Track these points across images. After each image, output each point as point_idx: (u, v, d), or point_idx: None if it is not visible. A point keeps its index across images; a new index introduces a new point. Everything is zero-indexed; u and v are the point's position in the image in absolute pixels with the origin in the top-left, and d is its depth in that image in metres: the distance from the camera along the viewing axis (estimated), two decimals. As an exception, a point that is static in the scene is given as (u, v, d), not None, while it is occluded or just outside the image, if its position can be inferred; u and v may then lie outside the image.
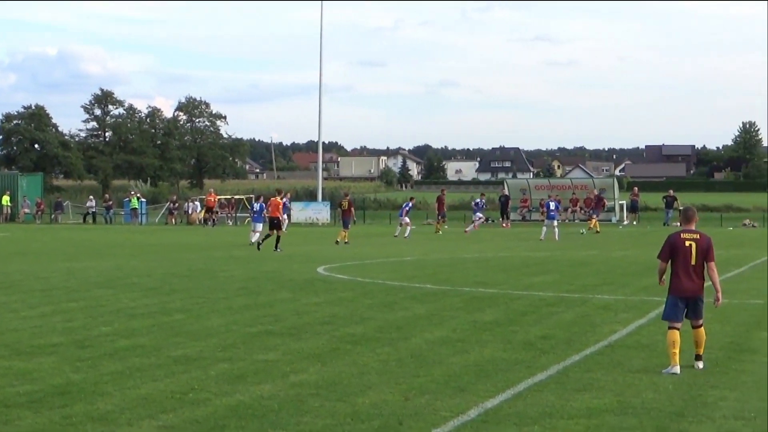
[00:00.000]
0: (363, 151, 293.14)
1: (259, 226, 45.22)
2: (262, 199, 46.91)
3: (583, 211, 68.86)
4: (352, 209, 46.12)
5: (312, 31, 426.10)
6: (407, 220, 50.55)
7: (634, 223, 67.85)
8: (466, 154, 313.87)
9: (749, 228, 65.07)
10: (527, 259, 35.61)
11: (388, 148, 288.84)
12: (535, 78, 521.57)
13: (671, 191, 67.42)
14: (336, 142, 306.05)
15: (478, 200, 59.65)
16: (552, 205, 49.42)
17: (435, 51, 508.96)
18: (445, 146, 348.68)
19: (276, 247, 38.73)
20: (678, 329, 12.67)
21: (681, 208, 64.99)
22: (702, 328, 12.87)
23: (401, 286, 25.00)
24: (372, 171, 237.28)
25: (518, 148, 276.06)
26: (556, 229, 48.13)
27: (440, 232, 55.20)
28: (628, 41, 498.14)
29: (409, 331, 16.78)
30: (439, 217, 57.38)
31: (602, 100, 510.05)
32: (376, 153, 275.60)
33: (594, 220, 56.90)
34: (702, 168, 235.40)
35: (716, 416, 10.07)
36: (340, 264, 32.66)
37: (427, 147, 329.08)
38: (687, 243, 13.04)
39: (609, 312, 19.30)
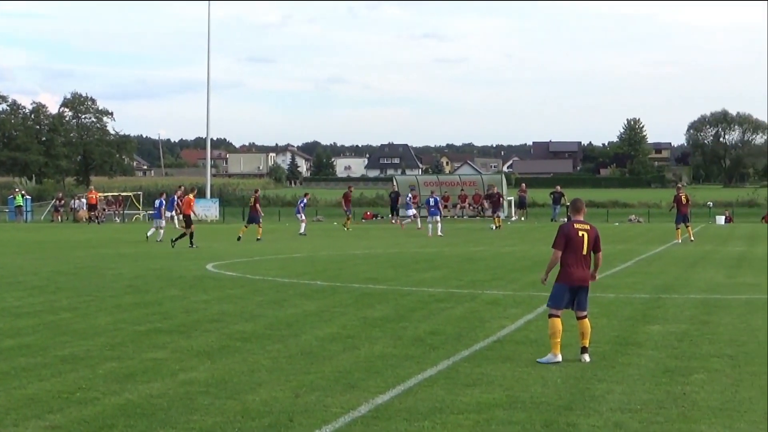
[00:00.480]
0: (252, 148, 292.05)
1: (162, 222, 44.74)
2: (164, 195, 46.47)
3: (471, 207, 70.74)
4: (258, 206, 45.89)
5: (200, 27, 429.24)
6: (303, 216, 50.59)
7: (522, 219, 68.85)
8: (355, 151, 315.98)
9: (635, 223, 66.53)
10: (416, 255, 35.79)
11: (277, 144, 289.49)
12: (424, 75, 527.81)
13: (558, 187, 68.34)
14: (224, 139, 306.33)
15: (409, 195, 59.68)
16: (431, 201, 49.88)
17: (323, 47, 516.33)
18: (334, 143, 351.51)
19: (191, 243, 38.25)
20: (560, 317, 12.95)
21: (568, 204, 66.71)
22: (587, 319, 13.14)
23: (291, 282, 24.99)
24: (261, 168, 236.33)
25: (407, 145, 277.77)
26: (439, 225, 48.51)
27: (349, 229, 54.95)
28: (516, 38, 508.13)
29: (299, 328, 16.79)
30: (348, 214, 57.25)
31: (490, 97, 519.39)
32: (265, 150, 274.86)
33: (497, 217, 57.89)
34: (588, 164, 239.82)
35: (603, 409, 10.25)
36: (230, 261, 32.50)
37: (316, 144, 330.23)
38: (580, 233, 13.30)
39: (498, 307, 19.49)
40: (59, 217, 71.60)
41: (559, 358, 12.84)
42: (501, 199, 61.55)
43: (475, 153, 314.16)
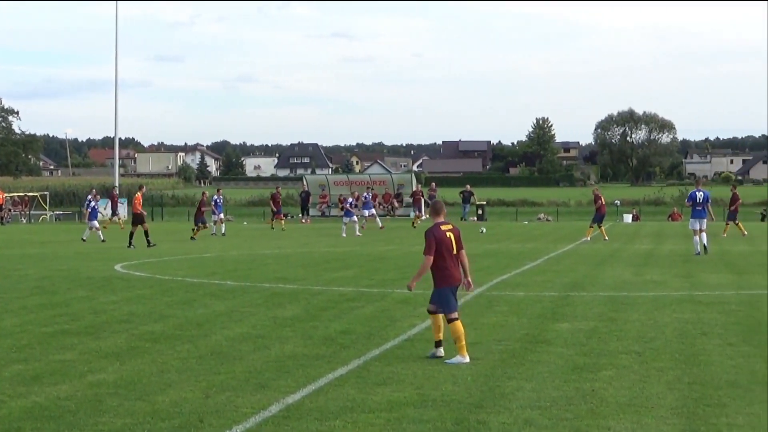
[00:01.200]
0: (160, 147, 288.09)
1: (96, 223, 44.15)
2: (94, 192, 45.88)
3: (382, 206, 70.47)
4: (204, 208, 46.38)
5: (107, 25, 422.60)
6: (219, 216, 50.28)
7: None
8: (265, 150, 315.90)
9: (544, 222, 67.52)
10: (327, 254, 35.94)
11: (186, 144, 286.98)
12: (333, 74, 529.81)
13: (468, 186, 69.15)
14: (133, 138, 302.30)
15: (367, 195, 58.92)
16: (350, 201, 50.47)
17: (233, 46, 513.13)
18: (244, 142, 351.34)
19: (148, 243, 38.27)
20: (459, 319, 13.05)
21: (478, 203, 68.08)
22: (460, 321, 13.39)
23: (201, 282, 24.92)
24: (170, 167, 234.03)
25: (317, 144, 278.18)
26: (356, 225, 48.98)
27: (283, 229, 54.81)
28: (424, 38, 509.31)
29: (209, 328, 16.75)
30: (277, 213, 57.06)
31: (400, 96, 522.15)
32: (174, 149, 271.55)
33: (418, 216, 58.60)
34: (498, 163, 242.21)
35: (513, 406, 10.36)
36: (139, 261, 32.28)
37: (225, 143, 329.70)
38: (447, 234, 13.48)
39: (408, 306, 19.57)
40: (-37, 218, 71.55)
41: (467, 359, 12.88)
42: (422, 197, 62.03)
43: (385, 152, 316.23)
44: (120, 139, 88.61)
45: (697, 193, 34.15)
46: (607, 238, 41.79)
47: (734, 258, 32.82)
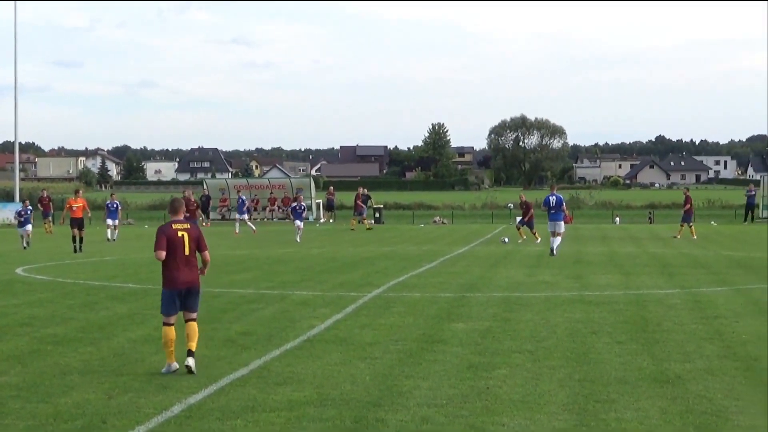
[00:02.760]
0: (61, 152, 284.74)
1: (29, 228, 42.58)
2: (27, 203, 44.79)
3: (281, 210, 70.69)
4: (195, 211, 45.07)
5: (6, 29, 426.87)
6: (115, 222, 48.94)
7: (331, 221, 69.53)
8: (166, 155, 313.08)
9: (439, 225, 68.01)
10: (227, 257, 35.69)
11: (86, 148, 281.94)
12: (233, 79, 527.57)
13: (365, 190, 69.53)
14: (33, 143, 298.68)
15: (242, 197, 56.77)
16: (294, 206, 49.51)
17: (133, 51, 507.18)
18: (145, 147, 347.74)
19: (78, 248, 37.85)
20: (172, 325, 12.60)
21: (375, 206, 68.55)
22: (196, 322, 12.95)
23: (102, 285, 24.75)
24: (70, 171, 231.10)
25: (217, 149, 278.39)
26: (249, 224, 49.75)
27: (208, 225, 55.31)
28: (322, 44, 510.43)
29: (111, 331, 16.67)
30: (204, 216, 56.20)
31: (298, 102, 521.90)
32: (75, 153, 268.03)
33: (357, 219, 59.11)
34: (394, 168, 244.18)
35: (410, 404, 10.51)
36: (40, 265, 31.92)
37: (126, 147, 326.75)
38: (179, 233, 12.98)
39: (307, 307, 19.72)
40: None
41: (175, 366, 12.46)
42: (359, 201, 61.21)
43: (284, 157, 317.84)
44: (20, 143, 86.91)
45: (550, 197, 34.89)
46: (695, 236, 44.20)
47: (622, 259, 33.37)
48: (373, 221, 65.80)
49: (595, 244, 42.91)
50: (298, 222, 46.49)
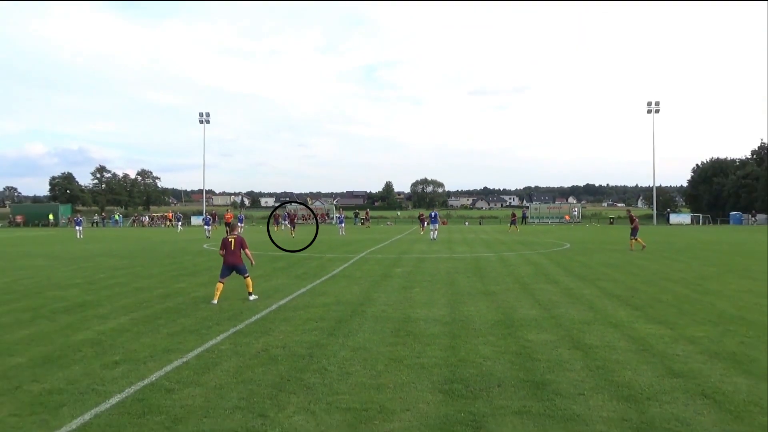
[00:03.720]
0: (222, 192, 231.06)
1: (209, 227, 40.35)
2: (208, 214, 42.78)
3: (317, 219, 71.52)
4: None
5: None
6: None
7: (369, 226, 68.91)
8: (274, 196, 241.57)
9: (390, 225, 69.75)
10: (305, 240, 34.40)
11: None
12: (293, 157, 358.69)
13: (364, 211, 70.62)
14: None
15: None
16: None
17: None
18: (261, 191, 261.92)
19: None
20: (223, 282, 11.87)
21: None
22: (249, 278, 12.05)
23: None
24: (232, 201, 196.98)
25: (292, 192, 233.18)
26: None
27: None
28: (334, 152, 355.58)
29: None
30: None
31: (326, 173, 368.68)
32: (228, 194, 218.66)
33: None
34: (369, 201, 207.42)
35: (377, 304, 11.10)
36: (211, 245, 30.52)
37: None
38: (229, 239, 12.15)
39: (334, 261, 19.73)
40: None
41: (215, 302, 11.60)
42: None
43: (319, 195, 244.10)
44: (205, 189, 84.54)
45: (432, 213, 35.09)
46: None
47: (469, 240, 33.56)
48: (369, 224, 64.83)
49: (457, 235, 44.80)
50: (341, 224, 46.04)
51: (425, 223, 45.09)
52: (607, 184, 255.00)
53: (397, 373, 6.76)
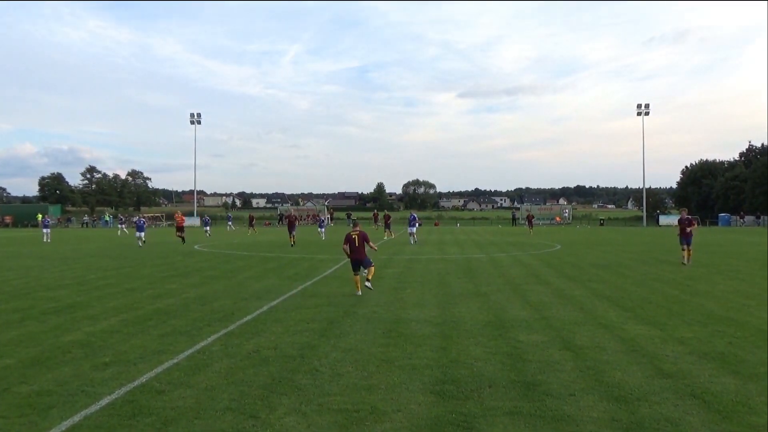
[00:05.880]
0: (214, 194, 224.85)
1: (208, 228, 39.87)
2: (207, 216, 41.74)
3: (312, 220, 71.24)
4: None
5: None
6: None
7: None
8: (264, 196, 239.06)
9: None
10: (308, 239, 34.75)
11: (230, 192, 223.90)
12: (284, 158, 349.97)
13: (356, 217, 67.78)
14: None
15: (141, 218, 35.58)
16: None
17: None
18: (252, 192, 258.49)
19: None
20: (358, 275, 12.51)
21: None
22: (372, 267, 12.68)
23: (234, 254, 24.50)
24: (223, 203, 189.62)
25: (284, 193, 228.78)
26: None
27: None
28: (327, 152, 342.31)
29: (235, 273, 16.75)
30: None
31: (318, 172, 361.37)
32: (225, 195, 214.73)
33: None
34: (360, 203, 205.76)
35: (368, 305, 10.95)
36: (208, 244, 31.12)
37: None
38: (353, 235, 12.59)
39: (325, 262, 19.74)
40: None
41: (360, 293, 12.37)
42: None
43: (310, 196, 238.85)
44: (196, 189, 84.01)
45: (411, 216, 32.61)
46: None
47: (460, 242, 33.53)
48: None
49: (448, 236, 45.11)
50: (321, 229, 41.20)
51: (389, 225, 39.94)
52: (598, 186, 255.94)
53: (388, 374, 6.74)
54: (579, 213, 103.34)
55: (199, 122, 79.24)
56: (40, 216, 39.22)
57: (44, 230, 38.06)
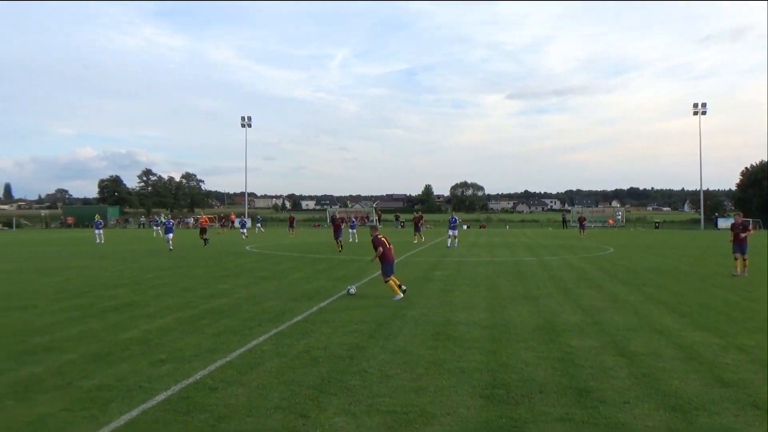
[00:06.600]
0: (265, 196, 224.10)
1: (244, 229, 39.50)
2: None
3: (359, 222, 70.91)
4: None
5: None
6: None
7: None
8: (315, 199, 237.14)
9: (429, 228, 68.20)
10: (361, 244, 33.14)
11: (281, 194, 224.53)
12: (335, 160, 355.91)
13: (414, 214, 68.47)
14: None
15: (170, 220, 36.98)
16: None
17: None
18: (301, 193, 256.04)
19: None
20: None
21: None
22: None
23: (285, 255, 24.63)
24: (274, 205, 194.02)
25: (332, 195, 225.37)
26: None
27: None
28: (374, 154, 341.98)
29: (287, 273, 16.97)
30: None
31: (367, 175, 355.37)
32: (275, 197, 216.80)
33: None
34: (409, 205, 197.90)
35: (418, 307, 10.95)
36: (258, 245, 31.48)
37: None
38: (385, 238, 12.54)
39: (374, 264, 19.85)
40: None
41: (401, 296, 12.22)
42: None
43: (359, 198, 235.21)
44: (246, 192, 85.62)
45: (451, 218, 30.88)
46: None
47: (510, 244, 33.34)
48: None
49: (497, 238, 44.46)
50: (352, 230, 38.56)
51: (420, 228, 35.99)
52: (652, 188, 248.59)
53: (437, 376, 6.71)
54: (633, 215, 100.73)
55: (249, 126, 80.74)
56: (97, 216, 41.36)
57: (96, 231, 38.44)
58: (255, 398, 6.06)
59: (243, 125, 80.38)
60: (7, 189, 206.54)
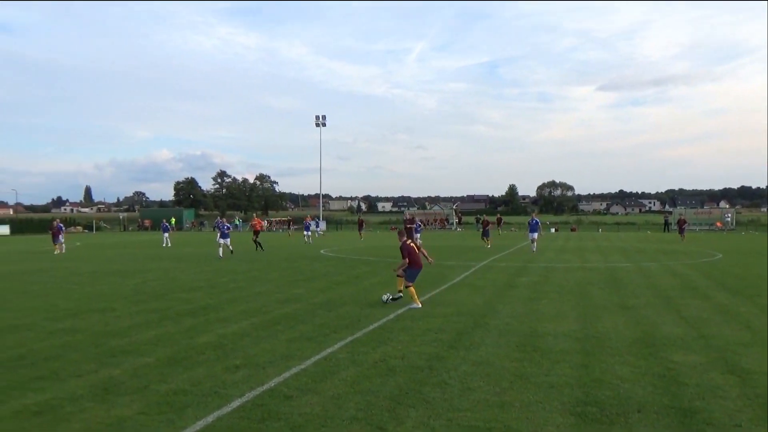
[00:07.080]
0: (339, 197, 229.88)
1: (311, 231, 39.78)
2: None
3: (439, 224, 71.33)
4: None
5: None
6: None
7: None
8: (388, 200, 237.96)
9: (515, 231, 66.76)
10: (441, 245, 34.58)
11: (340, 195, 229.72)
12: (413, 160, 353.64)
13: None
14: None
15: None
16: None
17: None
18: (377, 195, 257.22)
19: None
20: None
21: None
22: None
23: (359, 259, 25.02)
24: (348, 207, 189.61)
25: (410, 197, 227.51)
26: None
27: None
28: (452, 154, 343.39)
29: (361, 278, 17.24)
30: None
31: (445, 175, 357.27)
32: (349, 198, 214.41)
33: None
34: (491, 205, 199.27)
35: (501, 316, 10.80)
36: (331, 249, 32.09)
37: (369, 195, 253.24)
38: (412, 244, 12.73)
39: (454, 269, 19.78)
40: None
41: (419, 305, 12.17)
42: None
43: (437, 200, 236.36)
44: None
45: (532, 221, 30.72)
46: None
47: (603, 248, 32.54)
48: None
49: (589, 242, 42.95)
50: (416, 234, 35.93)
51: (489, 232, 35.99)
52: (766, 187, 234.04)
53: (523, 391, 6.64)
54: (744, 218, 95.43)
55: (324, 125, 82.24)
56: (173, 220, 42.89)
57: (164, 234, 39.67)
58: (330, 408, 6.13)
59: (317, 124, 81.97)
60: (88, 192, 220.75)
